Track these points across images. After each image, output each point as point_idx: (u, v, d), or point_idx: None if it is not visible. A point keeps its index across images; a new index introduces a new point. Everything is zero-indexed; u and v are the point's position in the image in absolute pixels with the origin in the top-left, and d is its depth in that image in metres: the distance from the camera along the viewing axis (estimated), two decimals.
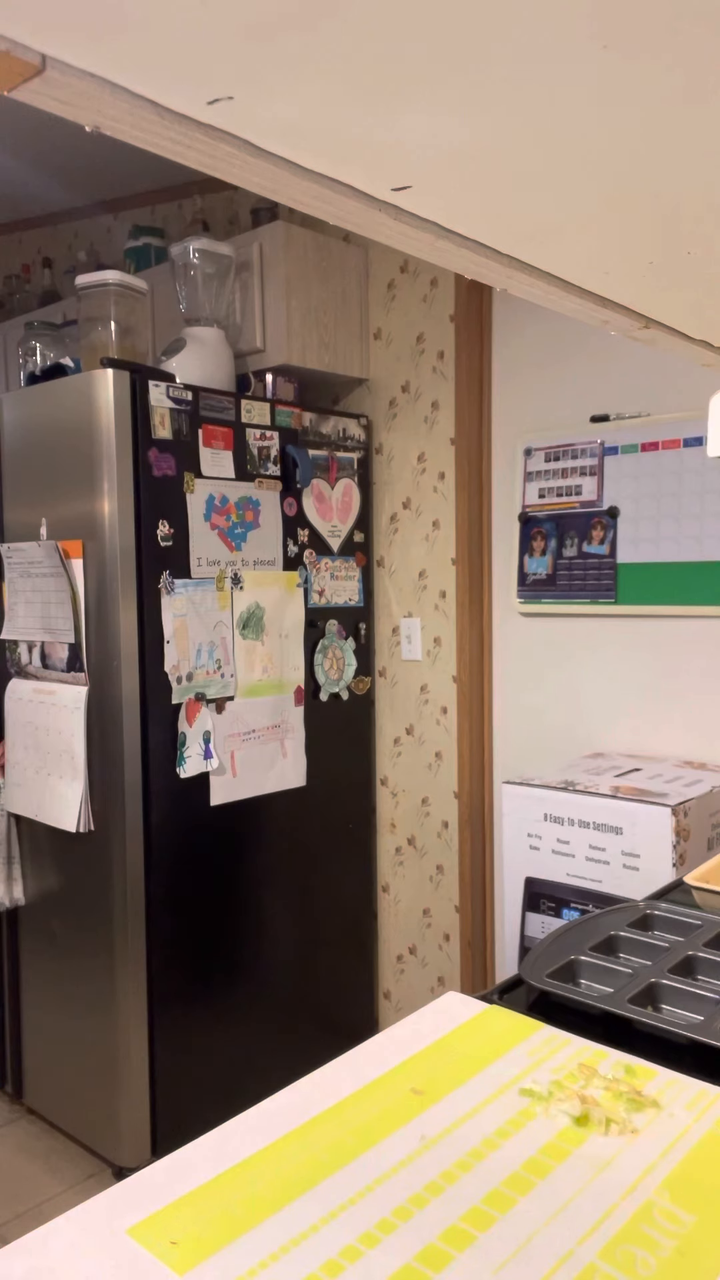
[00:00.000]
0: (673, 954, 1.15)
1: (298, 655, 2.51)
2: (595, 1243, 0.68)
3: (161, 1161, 0.79)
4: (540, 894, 1.98)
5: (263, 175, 0.46)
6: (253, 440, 2.38)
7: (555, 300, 0.66)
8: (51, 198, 3.50)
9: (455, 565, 2.57)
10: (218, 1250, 0.68)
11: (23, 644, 2.38)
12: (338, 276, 2.61)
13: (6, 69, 0.35)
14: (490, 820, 2.61)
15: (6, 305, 3.56)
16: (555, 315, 2.39)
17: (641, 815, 1.81)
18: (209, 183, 3.10)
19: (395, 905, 2.79)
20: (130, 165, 3.08)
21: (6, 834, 2.44)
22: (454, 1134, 0.82)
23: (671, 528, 2.18)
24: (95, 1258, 0.68)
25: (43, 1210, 2.18)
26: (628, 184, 0.50)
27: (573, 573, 2.36)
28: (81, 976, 2.29)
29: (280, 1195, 0.74)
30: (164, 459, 2.20)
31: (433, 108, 0.41)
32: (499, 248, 0.57)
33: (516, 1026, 1.00)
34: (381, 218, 0.51)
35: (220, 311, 2.43)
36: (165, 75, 0.37)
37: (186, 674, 2.24)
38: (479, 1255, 0.67)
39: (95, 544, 2.16)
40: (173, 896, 2.25)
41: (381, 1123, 0.84)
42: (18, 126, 2.83)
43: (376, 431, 2.72)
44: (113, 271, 2.30)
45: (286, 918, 2.54)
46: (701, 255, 0.60)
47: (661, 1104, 0.86)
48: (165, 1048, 2.24)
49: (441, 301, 2.55)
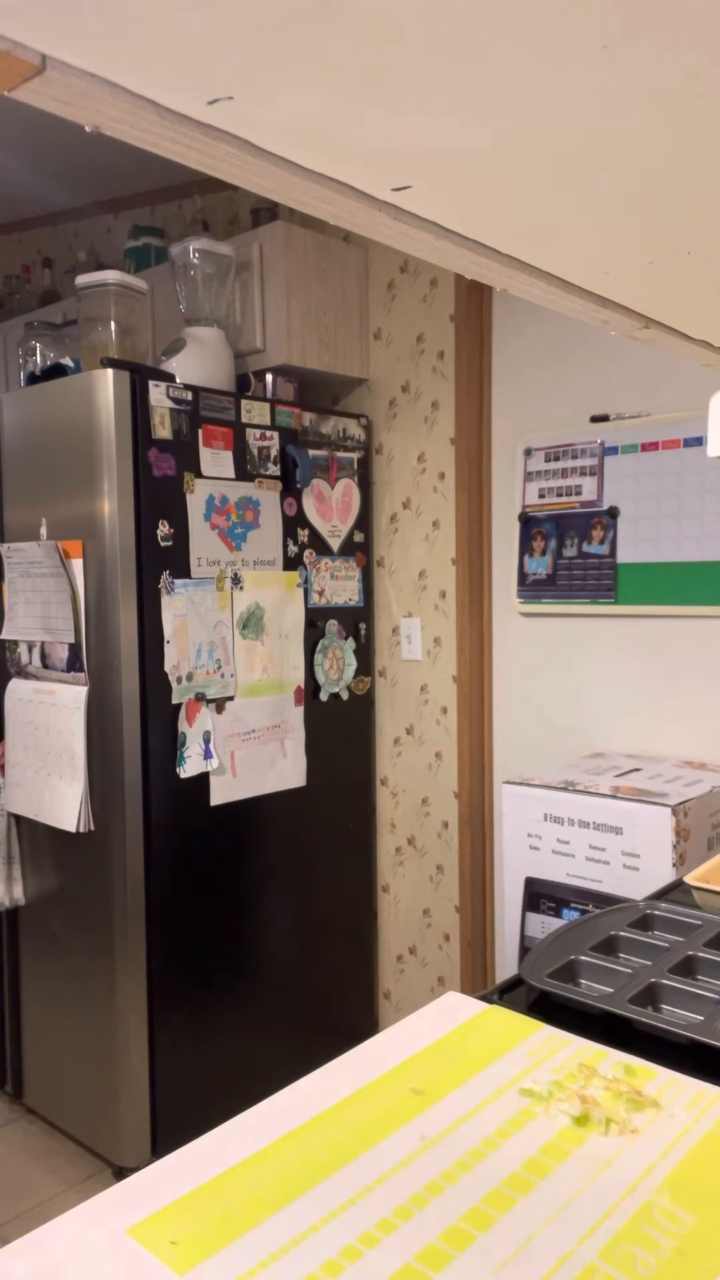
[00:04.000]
0: (673, 954, 1.15)
1: (298, 655, 2.51)
2: (595, 1243, 0.68)
3: (161, 1161, 0.79)
4: (540, 894, 1.98)
5: (263, 175, 0.46)
6: (253, 440, 2.38)
7: (555, 300, 0.66)
8: (51, 198, 3.50)
9: (455, 565, 2.57)
10: (218, 1250, 0.68)
11: (23, 644, 2.38)
12: (338, 276, 2.61)
13: (6, 69, 0.35)
14: (490, 820, 2.61)
15: (6, 305, 3.56)
16: (555, 315, 2.39)
17: (641, 815, 1.81)
18: (209, 183, 3.09)
19: (395, 905, 2.79)
20: (130, 165, 3.08)
21: (6, 834, 2.44)
22: (454, 1134, 0.82)
23: (671, 528, 2.18)
24: (95, 1258, 0.68)
25: (43, 1210, 2.18)
26: (628, 184, 0.50)
27: (573, 573, 2.36)
28: (81, 976, 2.29)
29: (280, 1195, 0.74)
30: (164, 459, 2.20)
31: (433, 108, 0.41)
32: (499, 248, 0.57)
33: (516, 1026, 1.00)
34: (381, 218, 0.51)
35: (220, 311, 2.43)
36: (165, 75, 0.37)
37: (186, 674, 2.24)
38: (479, 1255, 0.67)
39: (95, 544, 2.16)
40: (173, 896, 2.25)
41: (381, 1123, 0.84)
42: (18, 126, 2.83)
43: (376, 431, 2.72)
44: (113, 271, 2.30)
45: (286, 917, 2.54)
46: (701, 255, 0.60)
47: (661, 1104, 0.86)
48: (165, 1048, 2.24)
49: (441, 301, 2.55)
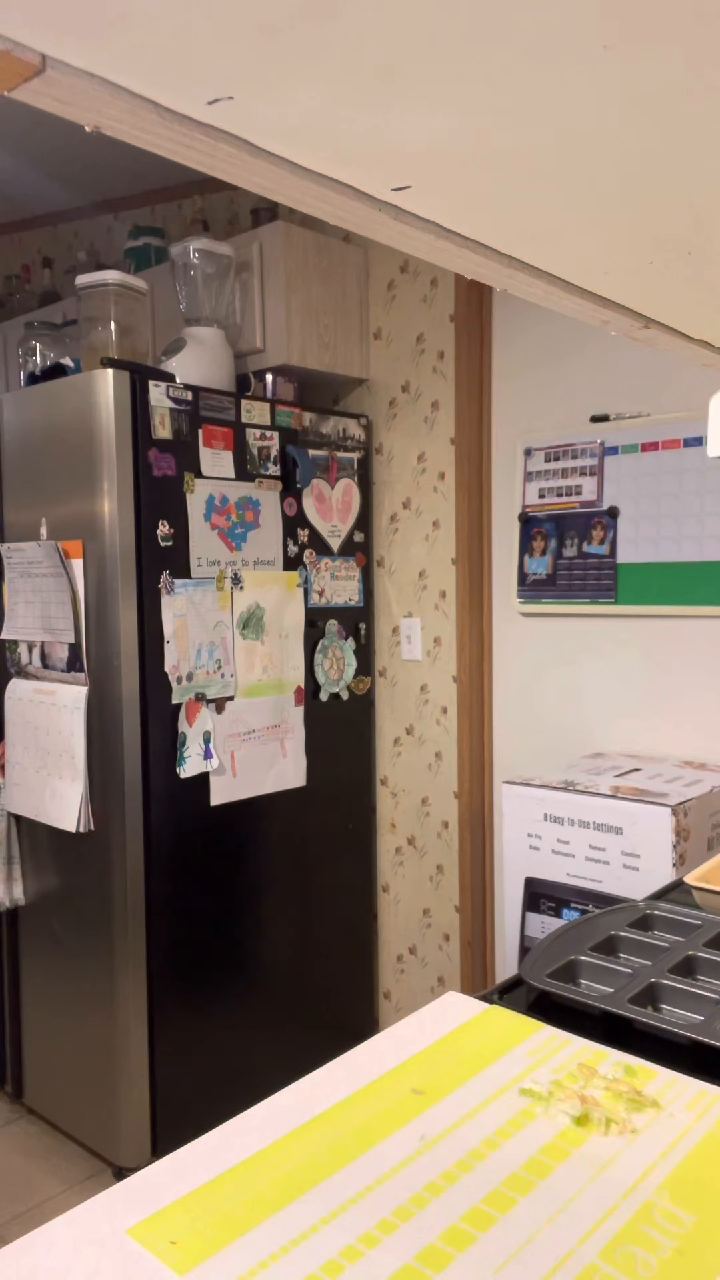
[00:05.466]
0: (673, 954, 1.15)
1: (298, 655, 2.51)
2: (595, 1243, 0.68)
3: (161, 1161, 0.79)
4: (540, 894, 1.97)
5: (263, 175, 0.46)
6: (253, 440, 2.38)
7: (555, 300, 0.66)
8: (51, 198, 3.50)
9: (455, 565, 2.57)
10: (218, 1250, 0.68)
11: (23, 644, 2.38)
12: (338, 276, 2.61)
13: (6, 69, 0.35)
14: (490, 820, 2.61)
15: (6, 305, 3.56)
16: (555, 315, 2.39)
17: (641, 815, 1.81)
18: (209, 183, 3.09)
19: (395, 905, 2.79)
20: (130, 165, 3.08)
21: (6, 834, 2.44)
22: (454, 1134, 0.82)
23: (671, 528, 2.18)
24: (95, 1258, 0.68)
25: (43, 1210, 2.18)
26: (628, 184, 0.50)
27: (573, 573, 2.36)
28: (81, 976, 2.29)
29: (280, 1195, 0.74)
30: (164, 459, 2.20)
31: (433, 108, 0.41)
32: (499, 248, 0.57)
33: (516, 1026, 1.00)
34: (381, 218, 0.51)
35: (220, 311, 2.43)
36: (165, 75, 0.37)
37: (186, 674, 2.24)
38: (479, 1255, 0.67)
39: (95, 544, 2.16)
40: (173, 896, 2.25)
41: (381, 1123, 0.84)
42: (18, 126, 2.83)
43: (376, 431, 2.72)
44: (113, 271, 2.30)
45: (286, 917, 2.54)
46: (701, 255, 0.60)
47: (661, 1104, 0.86)
48: (165, 1048, 2.24)
49: (441, 301, 2.55)
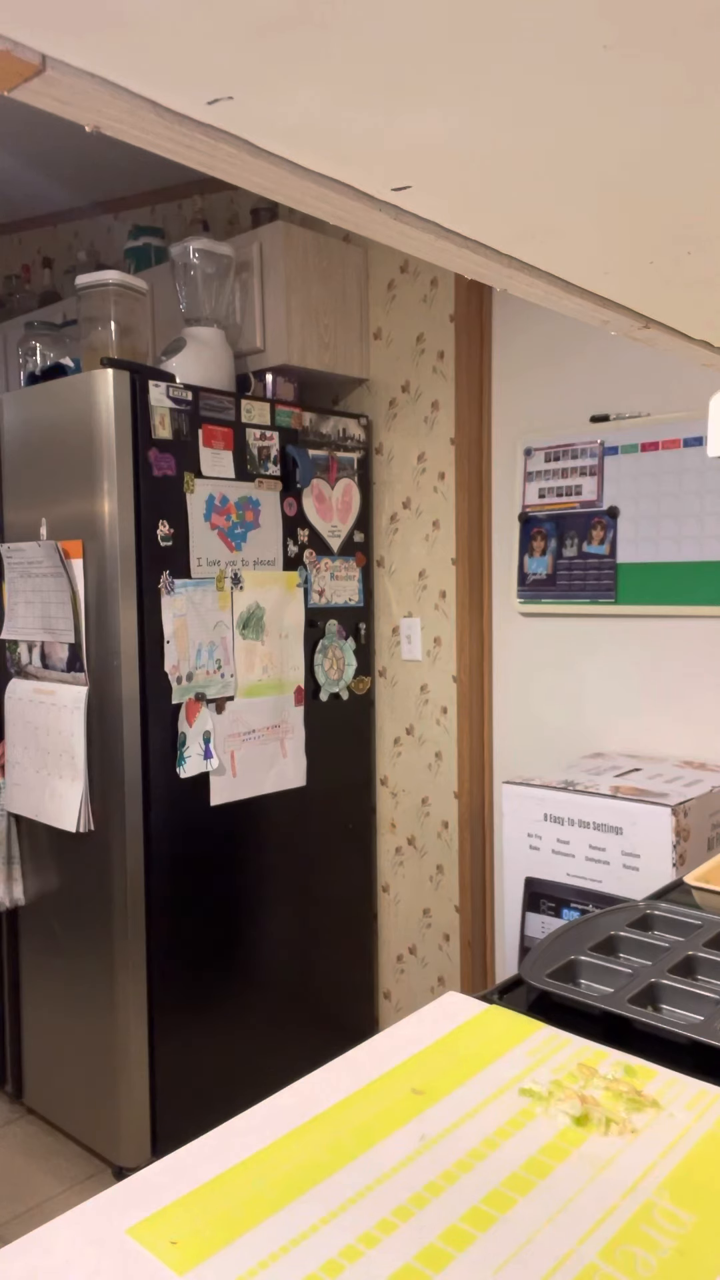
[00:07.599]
0: (673, 954, 1.15)
1: (298, 655, 2.51)
2: (595, 1243, 0.68)
3: (161, 1161, 0.79)
4: (540, 894, 1.97)
5: (263, 175, 0.46)
6: (253, 440, 2.38)
7: (555, 300, 0.66)
8: (51, 198, 3.50)
9: (455, 565, 2.57)
10: (218, 1250, 0.68)
11: (23, 644, 2.38)
12: (338, 276, 2.61)
13: (6, 69, 0.35)
14: (490, 820, 2.61)
15: (6, 305, 3.56)
16: (555, 315, 2.39)
17: (641, 815, 1.81)
18: (209, 183, 3.09)
19: (395, 905, 2.79)
20: (130, 165, 3.08)
21: (6, 834, 2.44)
22: (454, 1134, 0.82)
23: (671, 528, 2.18)
24: (95, 1258, 0.68)
25: (43, 1210, 2.18)
26: (628, 184, 0.50)
27: (573, 573, 2.36)
28: (81, 976, 2.29)
29: (280, 1195, 0.74)
30: (164, 459, 2.20)
31: (433, 108, 0.41)
32: (499, 248, 0.57)
33: (516, 1026, 1.00)
34: (381, 218, 0.51)
35: (220, 311, 2.43)
36: (165, 75, 0.37)
37: (186, 674, 2.24)
38: (479, 1255, 0.67)
39: (95, 544, 2.16)
40: (173, 896, 2.25)
41: (381, 1123, 0.84)
42: (18, 126, 2.83)
43: (376, 431, 2.72)
44: (113, 271, 2.30)
45: (286, 917, 2.54)
46: (701, 255, 0.60)
47: (661, 1104, 0.86)
48: (165, 1048, 2.24)
49: (441, 301, 2.55)
